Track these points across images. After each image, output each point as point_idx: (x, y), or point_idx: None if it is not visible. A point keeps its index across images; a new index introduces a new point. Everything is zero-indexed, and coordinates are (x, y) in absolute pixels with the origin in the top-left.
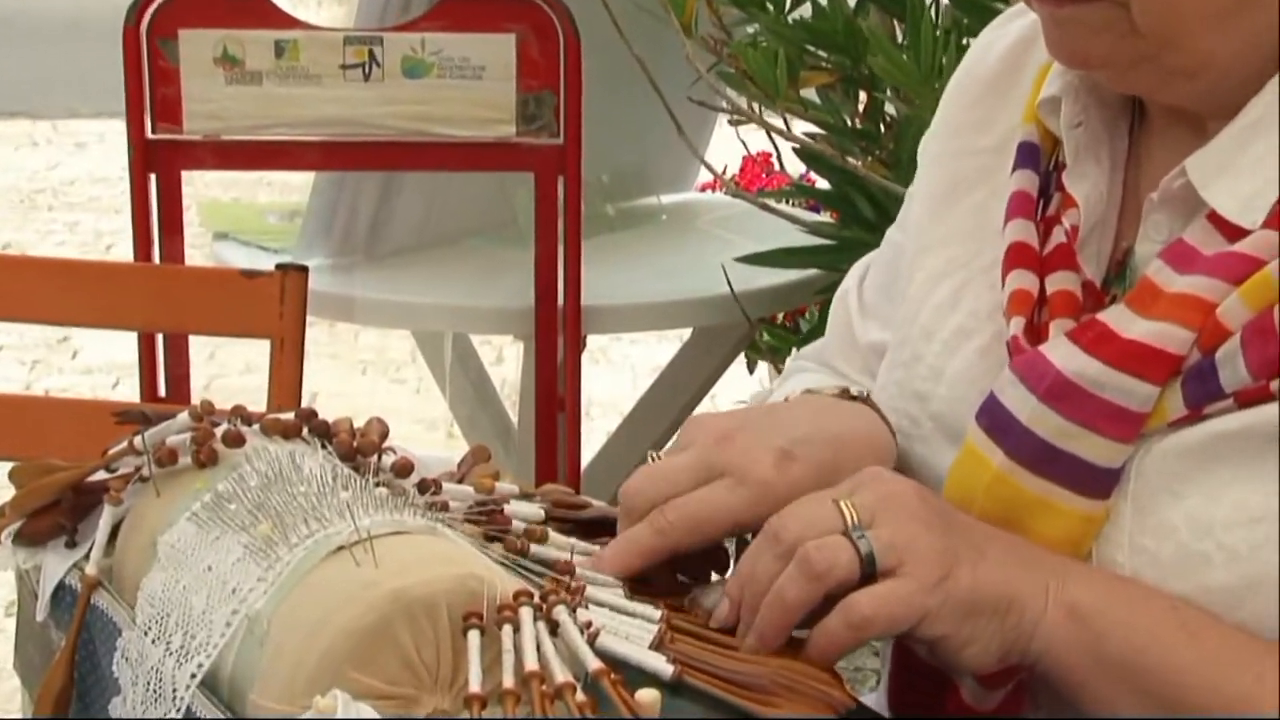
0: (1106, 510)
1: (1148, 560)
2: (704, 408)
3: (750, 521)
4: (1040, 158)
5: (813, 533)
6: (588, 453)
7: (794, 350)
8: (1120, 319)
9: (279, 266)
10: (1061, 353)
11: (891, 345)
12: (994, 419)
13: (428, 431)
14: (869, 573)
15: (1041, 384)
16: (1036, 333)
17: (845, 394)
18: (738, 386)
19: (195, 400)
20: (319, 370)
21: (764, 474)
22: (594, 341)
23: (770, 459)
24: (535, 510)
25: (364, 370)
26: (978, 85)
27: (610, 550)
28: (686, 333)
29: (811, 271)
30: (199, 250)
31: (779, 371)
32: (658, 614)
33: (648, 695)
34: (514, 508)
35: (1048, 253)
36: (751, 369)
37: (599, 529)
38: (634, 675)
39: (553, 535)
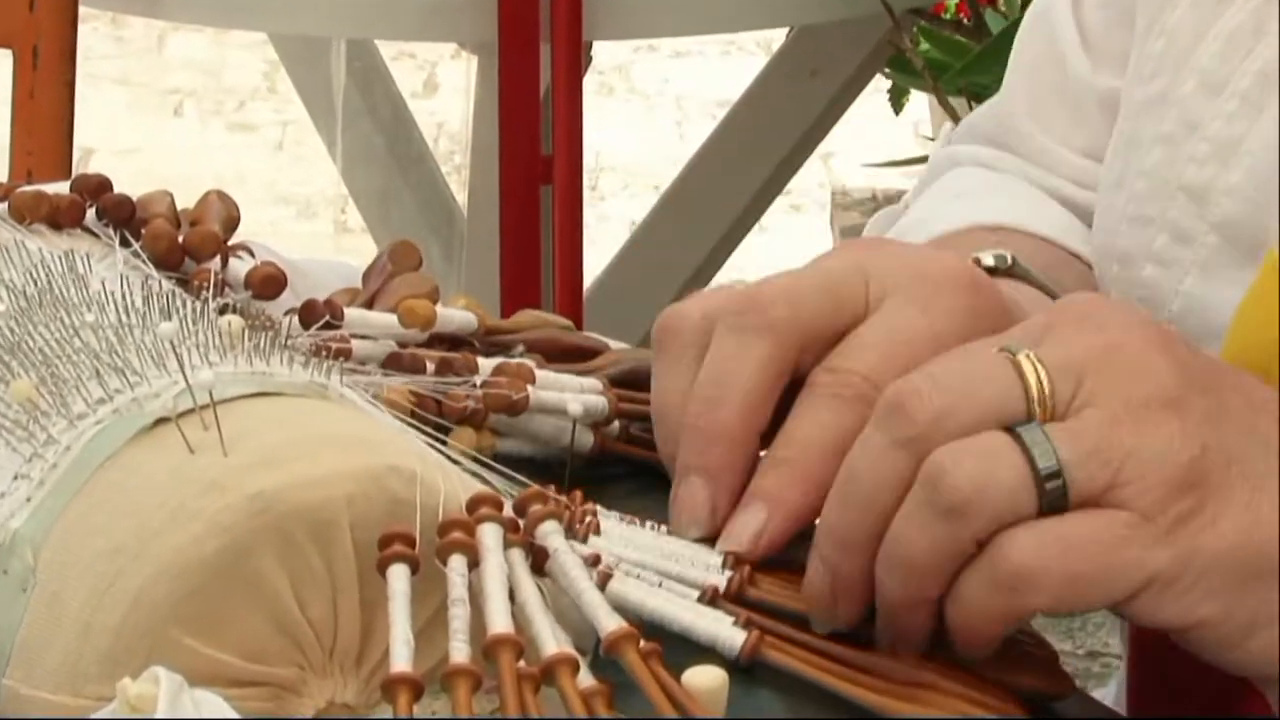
0: None
1: None
2: (812, 174)
3: None
4: None
5: (959, 417)
6: (596, 259)
7: (970, 80)
8: None
9: None
10: None
11: (1133, 108)
12: None
13: (302, 218)
14: (1057, 502)
15: None
16: None
17: (978, 265)
18: (872, 138)
19: None
20: (101, 108)
21: (974, 283)
22: (606, 54)
23: (976, 272)
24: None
25: (179, 107)
26: None
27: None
28: (776, 39)
29: None
30: None
31: (947, 112)
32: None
33: (705, 677)
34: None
35: None
36: (897, 107)
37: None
38: (679, 645)
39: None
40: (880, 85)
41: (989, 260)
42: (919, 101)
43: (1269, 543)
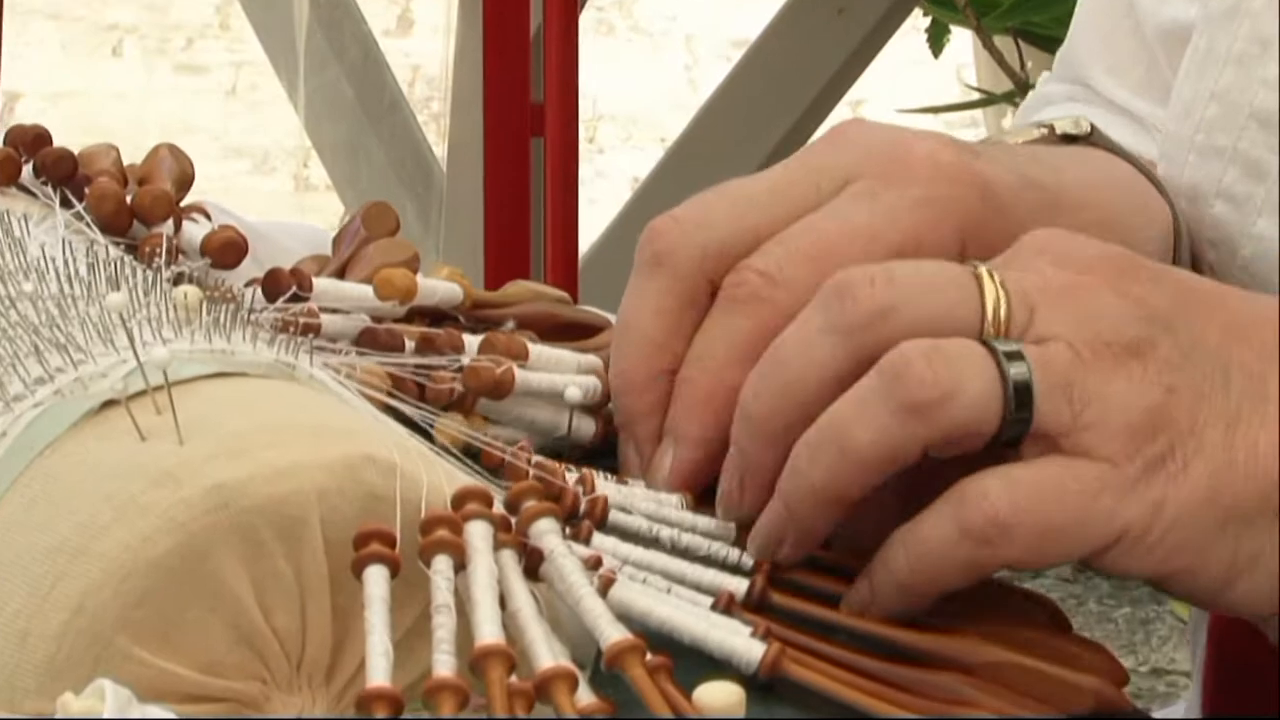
0: None
1: None
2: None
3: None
4: None
5: (907, 313)
6: (593, 221)
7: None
8: None
9: None
10: None
11: (1207, 22)
12: None
13: (258, 174)
14: (1015, 429)
15: None
16: None
17: (1054, 135)
18: (908, 83)
19: None
20: (30, 47)
21: (936, 166)
22: None
23: (949, 152)
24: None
25: (118, 46)
26: None
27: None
28: None
29: None
30: None
31: (991, 55)
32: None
33: (720, 694)
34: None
35: None
36: (936, 48)
37: None
38: (691, 658)
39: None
40: (917, 23)
41: (1064, 127)
42: (961, 41)
43: (1246, 482)
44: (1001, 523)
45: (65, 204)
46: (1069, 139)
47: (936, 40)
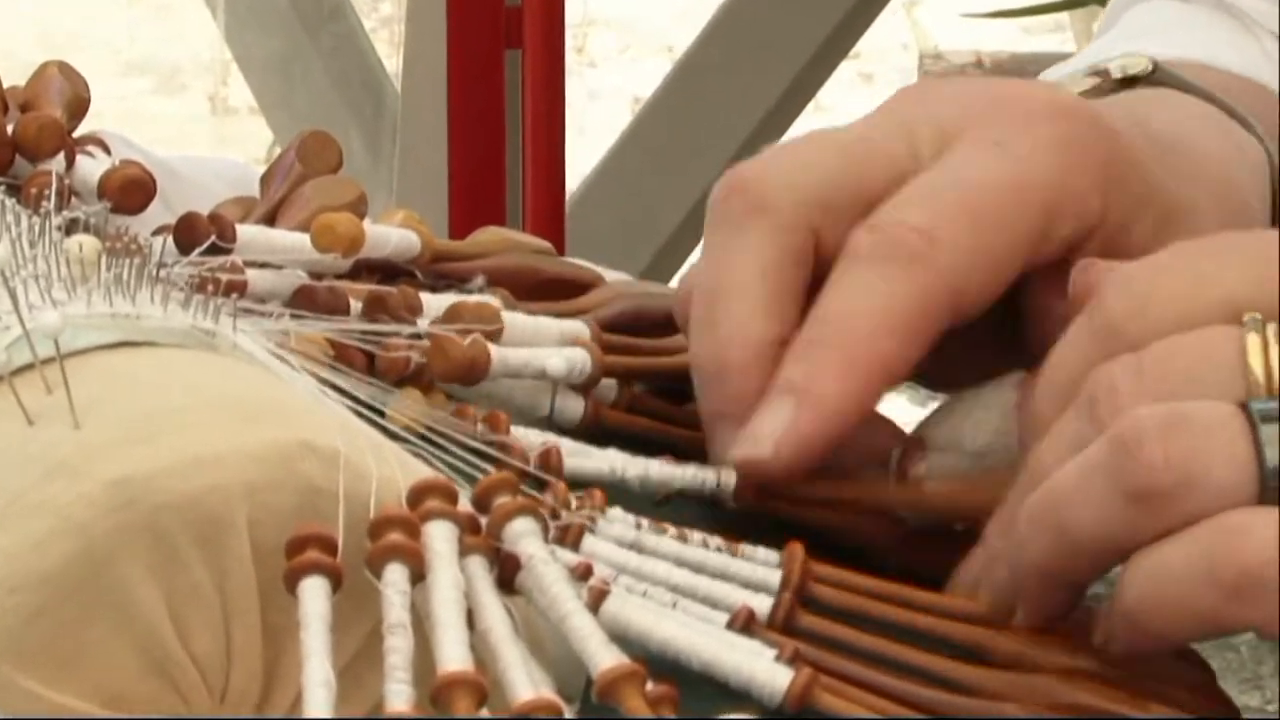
0: None
1: None
2: (890, 28)
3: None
4: None
5: (1168, 381)
6: (584, 153)
7: None
8: None
9: None
10: None
11: None
12: None
13: (164, 94)
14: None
15: None
16: None
17: (1110, 81)
18: None
19: None
20: None
21: (1058, 105)
22: None
23: (1064, 92)
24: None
25: None
26: None
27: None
28: None
29: None
30: None
31: None
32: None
33: None
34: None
35: None
36: None
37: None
38: (701, 688)
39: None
40: None
41: (1122, 68)
42: None
43: None
44: (1257, 575)
45: None
46: (1129, 81)
47: None
